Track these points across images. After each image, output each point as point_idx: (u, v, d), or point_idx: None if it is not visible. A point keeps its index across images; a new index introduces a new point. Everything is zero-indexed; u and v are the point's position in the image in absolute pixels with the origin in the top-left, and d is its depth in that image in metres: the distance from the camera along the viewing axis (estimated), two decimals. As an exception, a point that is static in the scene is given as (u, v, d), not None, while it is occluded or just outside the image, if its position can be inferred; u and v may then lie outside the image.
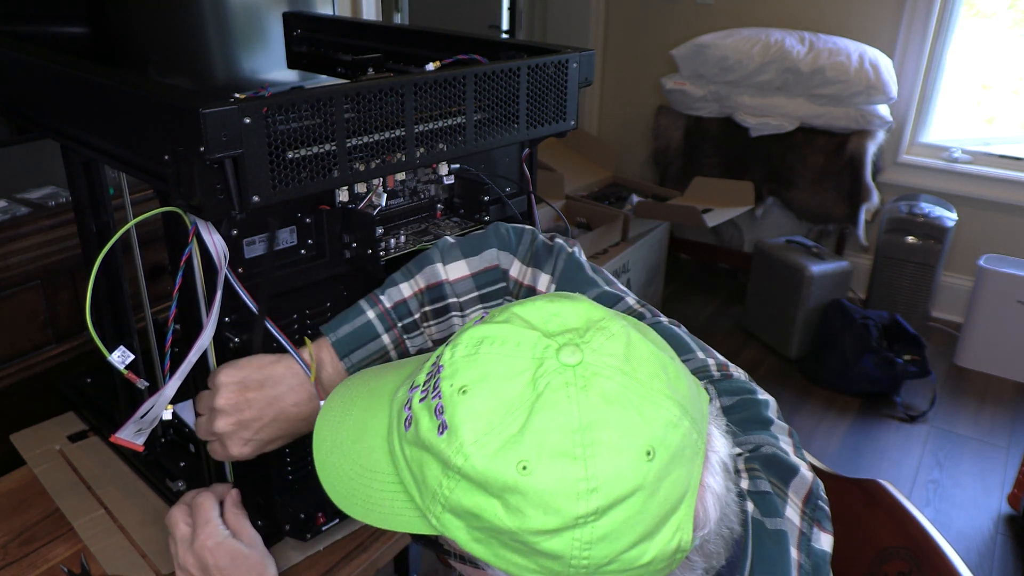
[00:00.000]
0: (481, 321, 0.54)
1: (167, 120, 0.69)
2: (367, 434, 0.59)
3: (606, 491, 0.47)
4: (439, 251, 0.82)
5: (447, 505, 0.50)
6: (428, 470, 0.51)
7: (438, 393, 0.51)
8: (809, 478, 0.66)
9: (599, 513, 0.47)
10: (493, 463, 0.47)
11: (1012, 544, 2.16)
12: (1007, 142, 3.20)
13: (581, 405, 0.48)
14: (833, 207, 3.15)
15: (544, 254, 0.82)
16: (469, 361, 0.51)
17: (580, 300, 0.56)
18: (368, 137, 0.80)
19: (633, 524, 0.47)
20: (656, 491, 0.48)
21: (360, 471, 0.57)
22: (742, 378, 0.73)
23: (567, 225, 1.15)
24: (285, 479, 0.89)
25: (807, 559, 0.61)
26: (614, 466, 0.47)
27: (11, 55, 0.93)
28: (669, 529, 0.49)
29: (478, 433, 0.48)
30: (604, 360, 0.50)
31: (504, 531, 0.48)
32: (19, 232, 1.28)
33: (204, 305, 0.79)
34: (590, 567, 0.48)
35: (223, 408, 0.74)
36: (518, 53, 1.00)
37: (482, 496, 0.48)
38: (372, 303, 0.80)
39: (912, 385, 2.83)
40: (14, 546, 0.95)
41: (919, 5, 3.05)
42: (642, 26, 3.67)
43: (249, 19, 1.63)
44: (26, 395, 1.32)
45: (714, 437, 0.54)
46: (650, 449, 0.48)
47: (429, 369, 0.54)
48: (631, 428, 0.48)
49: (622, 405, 0.48)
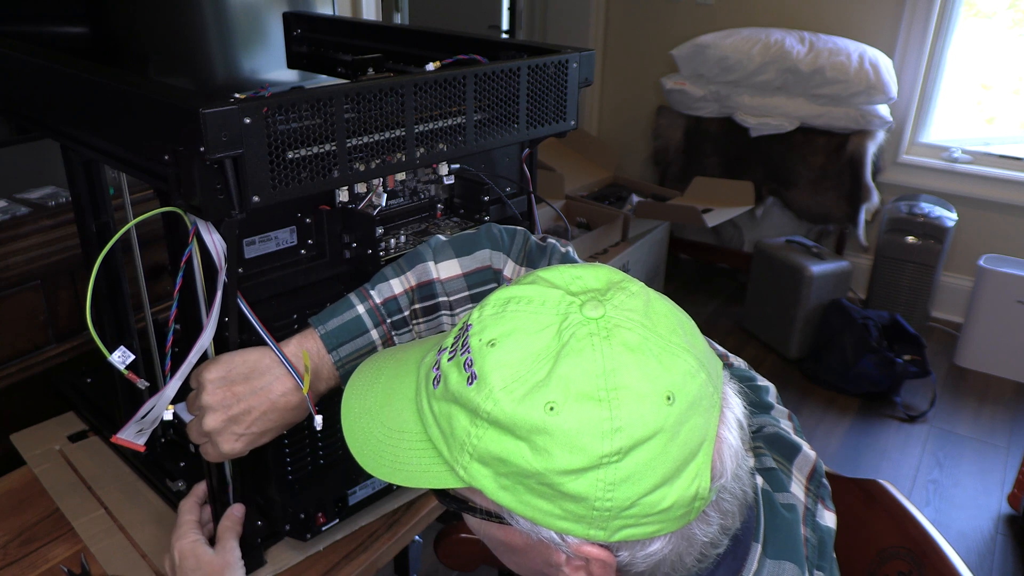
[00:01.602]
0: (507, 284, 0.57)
1: (167, 120, 0.69)
2: (395, 398, 0.61)
3: (629, 431, 0.48)
4: (431, 249, 0.82)
5: (475, 453, 0.52)
6: (456, 421, 0.53)
7: (467, 349, 0.53)
8: (812, 456, 0.69)
9: (622, 453, 0.48)
10: (521, 406, 0.49)
11: (1012, 544, 2.16)
12: (1007, 142, 3.20)
13: (604, 353, 0.50)
14: (833, 207, 3.15)
15: (537, 254, 0.84)
16: (497, 318, 0.53)
17: (601, 266, 0.58)
18: (368, 137, 0.80)
19: (654, 466, 0.49)
20: (676, 435, 0.50)
21: (387, 433, 0.59)
22: (742, 366, 0.75)
23: (567, 225, 1.15)
24: (285, 479, 0.89)
25: (813, 534, 0.64)
26: (637, 408, 0.49)
27: (11, 55, 0.93)
28: (688, 475, 0.50)
29: (506, 380, 0.50)
30: (625, 314, 0.52)
31: (531, 474, 0.50)
32: (19, 232, 1.28)
33: (204, 305, 0.79)
34: (612, 510, 0.50)
35: (211, 405, 0.74)
36: (518, 53, 1.00)
37: (510, 440, 0.50)
38: (362, 297, 0.80)
39: (912, 385, 2.83)
40: (14, 546, 0.95)
41: (919, 5, 3.05)
42: (642, 26, 3.67)
43: (249, 19, 1.63)
44: (26, 395, 1.32)
45: (729, 395, 0.56)
46: (670, 394, 0.50)
47: (456, 332, 0.57)
48: (652, 374, 0.50)
49: (643, 353, 0.50)
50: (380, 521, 0.99)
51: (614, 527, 0.50)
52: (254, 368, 0.75)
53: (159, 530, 0.97)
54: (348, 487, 0.95)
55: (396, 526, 0.98)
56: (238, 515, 0.86)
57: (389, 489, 1.00)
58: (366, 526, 0.98)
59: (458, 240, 0.84)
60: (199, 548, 0.82)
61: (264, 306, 0.81)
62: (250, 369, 0.75)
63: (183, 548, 0.82)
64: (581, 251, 2.82)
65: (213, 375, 0.74)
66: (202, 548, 0.82)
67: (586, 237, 2.86)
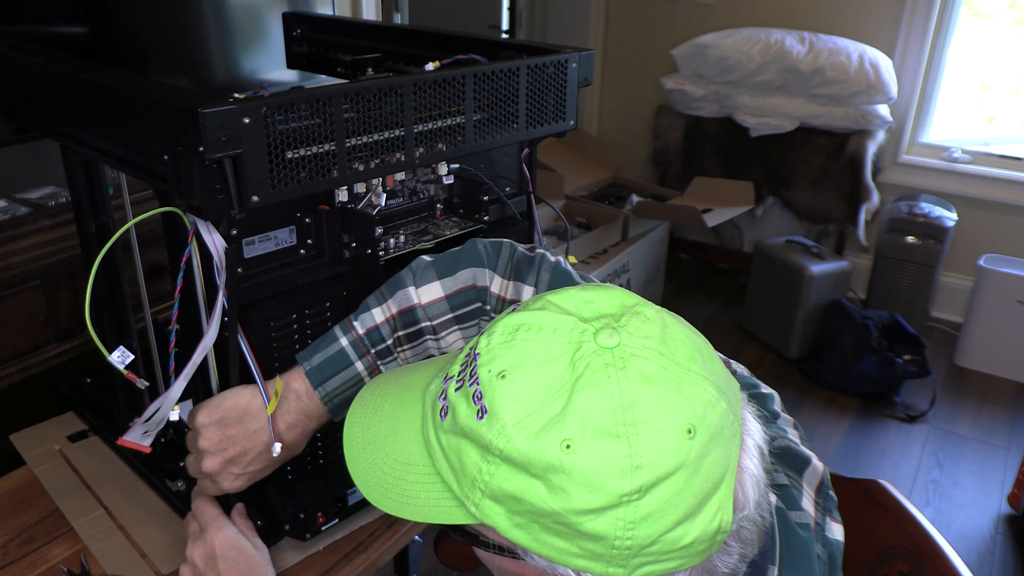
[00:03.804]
0: (515, 310, 0.55)
1: (167, 120, 0.69)
2: (400, 428, 0.59)
3: (650, 468, 0.47)
4: (412, 273, 0.81)
5: (487, 491, 0.50)
6: (467, 457, 0.51)
7: (476, 380, 0.51)
8: (820, 468, 0.68)
9: (643, 491, 0.47)
10: (535, 443, 0.47)
11: (1012, 544, 2.16)
12: (1007, 142, 3.19)
13: (622, 385, 0.48)
14: (833, 207, 3.15)
15: (525, 266, 0.81)
16: (506, 347, 0.51)
17: (613, 288, 0.56)
18: (368, 137, 0.80)
19: (676, 503, 0.47)
20: (698, 470, 0.48)
21: (393, 464, 0.57)
22: (744, 373, 0.73)
23: (567, 225, 1.16)
24: (285, 479, 0.89)
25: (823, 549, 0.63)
26: (657, 444, 0.47)
27: (11, 55, 0.93)
28: (710, 509, 0.49)
29: (519, 415, 0.48)
30: (641, 342, 0.50)
31: (547, 513, 0.48)
32: (19, 232, 1.28)
33: (204, 305, 0.79)
34: (633, 548, 0.48)
35: (207, 449, 0.75)
36: (518, 53, 1.00)
37: (524, 478, 0.48)
38: (346, 330, 0.79)
39: (912, 385, 2.83)
40: (14, 546, 0.95)
41: (919, 5, 3.05)
42: (642, 26, 3.67)
43: (249, 19, 1.63)
44: (26, 395, 1.32)
45: (748, 421, 0.55)
46: (691, 427, 0.48)
47: (463, 360, 0.54)
48: (672, 407, 0.48)
49: (662, 384, 0.48)
50: (380, 521, 0.99)
51: (634, 564, 0.49)
52: (246, 411, 0.76)
53: (159, 530, 0.97)
54: (348, 487, 0.95)
55: (396, 526, 0.98)
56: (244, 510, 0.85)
57: (389, 489, 1.00)
58: (366, 526, 0.98)
59: (440, 261, 0.82)
60: (242, 541, 0.78)
61: (264, 306, 0.81)
62: (243, 412, 0.76)
63: (226, 540, 0.77)
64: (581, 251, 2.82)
65: (207, 419, 0.75)
66: (244, 541, 0.78)
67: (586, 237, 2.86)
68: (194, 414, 0.76)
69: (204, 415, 0.75)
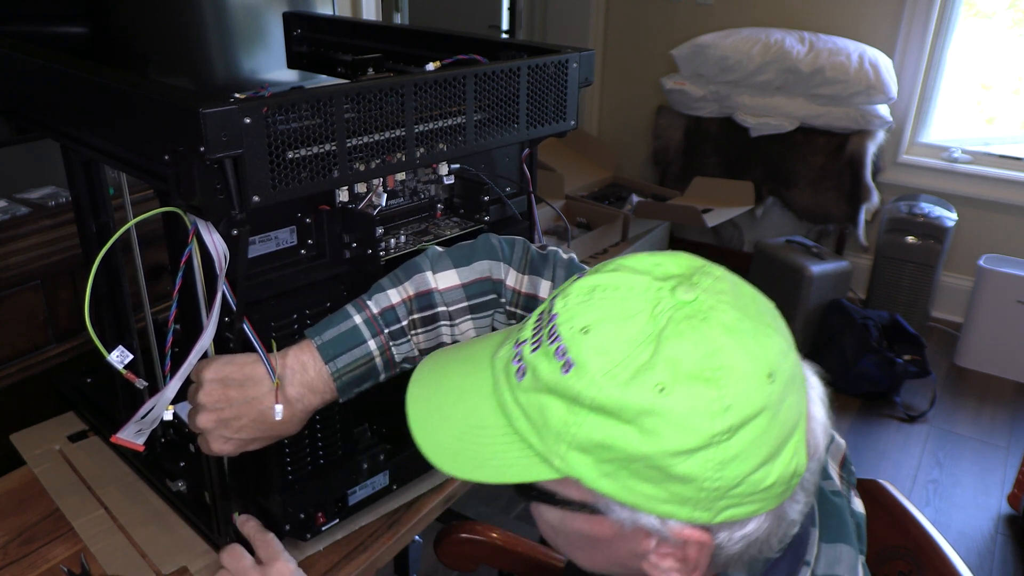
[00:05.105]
0: (587, 273, 0.57)
1: (167, 120, 0.69)
2: (468, 396, 0.60)
3: (738, 409, 0.49)
4: (428, 259, 0.81)
5: (574, 442, 0.51)
6: (550, 412, 0.52)
7: (557, 337, 0.53)
8: (842, 445, 0.71)
9: (732, 431, 0.49)
10: (627, 390, 0.49)
11: (1012, 544, 2.16)
12: (1007, 142, 3.19)
13: (705, 334, 0.50)
14: (833, 207, 3.15)
15: (540, 262, 0.83)
16: (585, 306, 0.53)
17: (679, 253, 0.58)
18: (368, 137, 0.80)
19: (760, 444, 0.50)
20: (778, 413, 0.51)
21: (465, 430, 0.58)
22: None
23: (567, 225, 1.16)
24: (285, 479, 0.89)
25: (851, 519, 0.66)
26: (743, 387, 0.49)
27: (11, 55, 0.93)
28: (788, 453, 0.51)
29: (608, 365, 0.50)
30: (716, 296, 0.52)
31: (638, 458, 0.49)
32: (19, 232, 1.28)
33: (204, 305, 0.79)
34: (720, 489, 0.50)
35: (204, 404, 0.74)
36: (518, 53, 1.00)
37: (614, 424, 0.50)
38: (359, 308, 0.79)
39: (912, 385, 2.83)
40: (14, 546, 0.95)
41: (919, 5, 3.05)
42: (642, 26, 3.67)
43: (249, 19, 1.63)
44: (26, 395, 1.32)
45: (809, 375, 0.58)
46: (771, 372, 0.51)
47: (534, 324, 0.56)
48: (753, 353, 0.51)
49: (740, 334, 0.51)
50: (380, 521, 0.99)
51: (719, 507, 0.51)
52: (250, 376, 0.75)
53: (159, 530, 0.97)
54: (348, 487, 0.95)
55: (396, 526, 0.98)
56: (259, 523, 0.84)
57: (389, 489, 1.00)
58: (366, 526, 0.98)
59: (455, 251, 0.83)
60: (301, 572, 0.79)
61: (264, 306, 0.81)
62: (246, 376, 0.75)
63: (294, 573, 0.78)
64: (581, 251, 2.83)
65: (212, 375, 0.75)
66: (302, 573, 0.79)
67: (586, 237, 2.86)
68: (202, 367, 0.75)
69: (211, 370, 0.75)
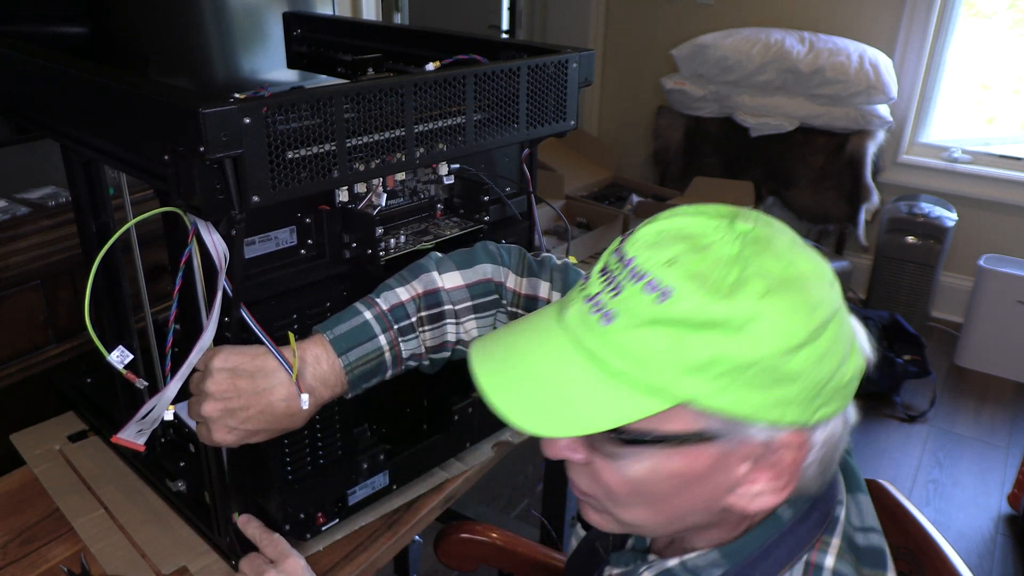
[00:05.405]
0: (642, 223, 0.60)
1: (167, 120, 0.69)
2: (545, 361, 0.60)
3: (823, 309, 0.54)
4: (433, 261, 0.85)
5: (683, 366, 0.53)
6: (654, 343, 0.54)
7: (642, 275, 0.55)
8: None
9: (822, 327, 0.54)
10: (731, 301, 0.52)
11: (1012, 544, 2.16)
12: (1007, 142, 3.19)
13: (776, 251, 0.55)
14: (833, 207, 3.15)
15: (537, 267, 0.88)
16: (657, 247, 0.56)
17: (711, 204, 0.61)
18: (368, 137, 0.80)
19: (839, 340, 0.55)
20: (844, 316, 0.57)
21: (555, 390, 0.58)
22: None
23: (567, 225, 1.16)
24: (285, 479, 0.89)
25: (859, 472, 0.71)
26: (819, 290, 0.55)
27: (11, 55, 0.93)
28: (855, 353, 0.58)
29: (704, 286, 0.53)
30: (767, 225, 0.58)
31: (750, 364, 0.52)
32: (19, 232, 1.28)
33: (204, 306, 0.79)
34: (818, 385, 0.54)
35: (212, 393, 0.74)
36: (518, 53, 1.00)
37: (723, 337, 0.52)
38: (368, 305, 0.81)
39: (912, 385, 2.83)
40: (14, 546, 0.95)
41: (919, 5, 3.05)
42: (642, 26, 3.67)
43: (249, 19, 1.63)
44: (26, 395, 1.32)
45: None
46: (831, 280, 0.57)
47: (601, 278, 0.59)
48: (815, 264, 0.57)
49: (801, 249, 0.58)
50: (380, 521, 0.99)
51: (815, 406, 0.55)
52: (261, 368, 0.76)
53: (159, 530, 0.97)
54: (348, 487, 0.95)
55: (396, 526, 0.98)
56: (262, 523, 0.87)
57: (389, 489, 1.00)
58: (366, 526, 0.98)
59: (457, 255, 0.87)
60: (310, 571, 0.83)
61: (264, 306, 0.81)
62: (257, 368, 0.75)
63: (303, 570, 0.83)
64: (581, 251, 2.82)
65: (222, 364, 0.75)
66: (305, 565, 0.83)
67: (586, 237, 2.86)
68: (211, 355, 0.75)
69: (220, 359, 0.75)
